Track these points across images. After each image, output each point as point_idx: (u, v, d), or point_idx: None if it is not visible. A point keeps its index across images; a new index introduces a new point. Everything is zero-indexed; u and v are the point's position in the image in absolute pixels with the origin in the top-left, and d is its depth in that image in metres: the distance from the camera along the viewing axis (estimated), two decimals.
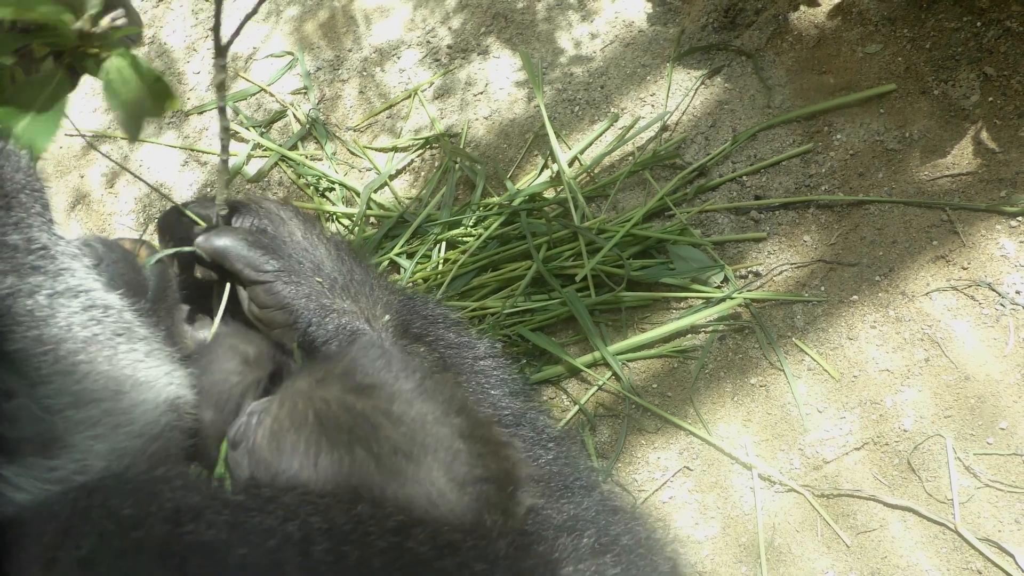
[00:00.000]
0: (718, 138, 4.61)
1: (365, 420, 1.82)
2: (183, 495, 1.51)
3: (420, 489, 1.79)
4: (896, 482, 3.74)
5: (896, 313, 4.02)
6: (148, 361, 1.76)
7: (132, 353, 1.75)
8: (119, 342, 1.73)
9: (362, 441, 1.81)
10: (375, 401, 1.85)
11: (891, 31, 4.64)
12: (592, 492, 2.28)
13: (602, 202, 4.55)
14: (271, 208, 2.32)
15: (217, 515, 1.48)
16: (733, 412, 3.99)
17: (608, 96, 4.89)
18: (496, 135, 4.89)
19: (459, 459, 1.82)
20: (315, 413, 1.85)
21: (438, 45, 5.23)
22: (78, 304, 1.70)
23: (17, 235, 1.66)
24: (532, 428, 2.39)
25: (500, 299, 4.27)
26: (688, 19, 4.99)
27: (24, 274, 1.63)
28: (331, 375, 1.91)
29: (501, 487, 1.86)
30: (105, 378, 1.67)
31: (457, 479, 1.81)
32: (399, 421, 1.83)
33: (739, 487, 3.85)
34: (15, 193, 1.70)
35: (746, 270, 4.25)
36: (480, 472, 1.83)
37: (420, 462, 1.80)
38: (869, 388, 3.91)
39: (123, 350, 1.73)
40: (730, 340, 4.13)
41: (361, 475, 1.80)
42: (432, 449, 1.82)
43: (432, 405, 1.88)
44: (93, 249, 1.91)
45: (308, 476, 1.83)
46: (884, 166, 4.33)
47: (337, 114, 5.16)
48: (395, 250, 4.46)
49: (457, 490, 1.80)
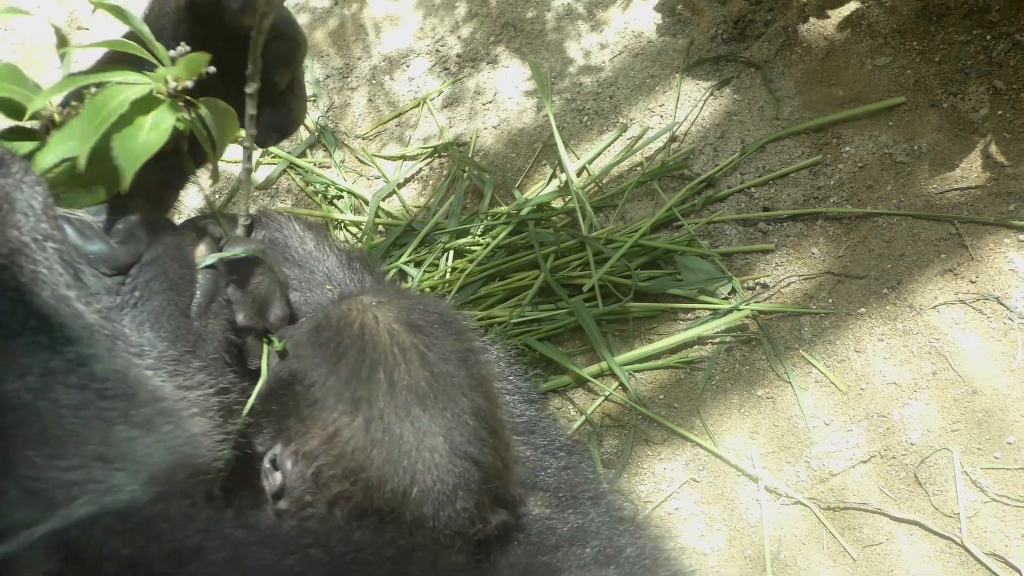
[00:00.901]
0: (727, 149, 4.61)
1: (400, 350, 1.87)
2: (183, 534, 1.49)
3: (413, 436, 1.81)
4: (903, 496, 3.74)
5: (904, 326, 4.02)
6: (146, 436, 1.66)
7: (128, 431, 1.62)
8: (114, 420, 1.61)
9: (387, 367, 1.84)
10: (417, 339, 1.89)
11: (900, 44, 4.64)
12: (599, 503, 2.28)
13: (610, 212, 4.55)
14: (282, 220, 2.34)
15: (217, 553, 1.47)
16: (740, 424, 3.99)
17: (617, 106, 4.89)
18: (505, 144, 4.89)
19: (461, 431, 1.85)
20: (361, 325, 1.90)
21: (447, 54, 5.24)
22: (74, 381, 1.57)
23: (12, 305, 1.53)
24: (544, 436, 2.39)
25: (507, 308, 4.27)
26: (697, 30, 4.99)
27: (15, 354, 1.51)
28: (392, 302, 1.96)
29: (486, 480, 1.87)
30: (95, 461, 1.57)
31: (452, 446, 1.83)
32: (428, 366, 1.87)
33: (745, 499, 3.84)
34: (21, 250, 1.56)
35: (754, 282, 4.25)
36: (474, 452, 1.85)
37: (426, 412, 1.83)
38: (876, 401, 3.91)
39: (118, 430, 1.61)
40: (737, 352, 4.13)
41: (370, 397, 1.83)
42: (442, 407, 1.85)
43: (464, 373, 1.91)
44: (133, 242, 1.78)
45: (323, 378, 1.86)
46: (893, 179, 4.33)
47: (346, 122, 5.16)
48: (403, 258, 4.46)
49: (446, 456, 1.82)
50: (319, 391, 1.86)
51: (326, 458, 1.82)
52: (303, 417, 1.86)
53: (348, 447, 1.81)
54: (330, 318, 1.96)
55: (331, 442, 1.82)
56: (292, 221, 2.37)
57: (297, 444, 1.86)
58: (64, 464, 1.53)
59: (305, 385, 1.88)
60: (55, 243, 1.61)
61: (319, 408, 1.85)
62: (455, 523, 1.82)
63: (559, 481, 2.30)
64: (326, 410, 1.84)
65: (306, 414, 1.86)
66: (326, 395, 1.85)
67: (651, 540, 2.34)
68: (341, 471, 1.81)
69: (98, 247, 1.72)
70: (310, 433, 1.85)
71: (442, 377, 1.87)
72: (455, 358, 1.91)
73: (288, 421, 1.89)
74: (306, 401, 1.86)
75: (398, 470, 1.79)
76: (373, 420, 1.81)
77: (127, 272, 1.75)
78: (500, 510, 1.92)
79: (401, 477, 1.79)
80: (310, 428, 1.85)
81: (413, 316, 1.94)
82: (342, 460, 1.81)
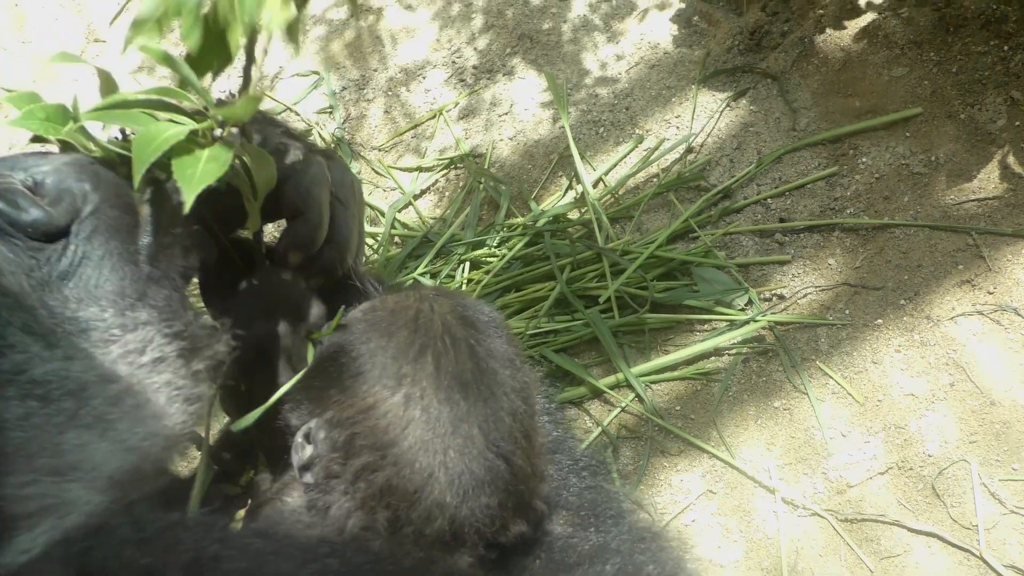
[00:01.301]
0: (743, 160, 4.61)
1: (451, 339, 1.89)
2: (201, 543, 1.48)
3: (449, 420, 1.82)
4: (920, 507, 3.72)
5: (921, 337, 4.00)
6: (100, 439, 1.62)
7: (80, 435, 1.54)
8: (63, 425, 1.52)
9: (435, 351, 1.87)
10: (468, 333, 1.91)
11: (917, 54, 4.64)
12: (621, 521, 2.28)
13: (626, 223, 4.55)
14: None
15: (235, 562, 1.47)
16: (756, 435, 3.98)
17: (633, 117, 4.89)
18: (521, 156, 4.90)
19: (498, 427, 1.85)
20: (416, 312, 1.93)
21: (464, 65, 5.24)
22: (13, 392, 1.49)
23: None
24: (568, 455, 2.39)
25: (523, 320, 4.27)
26: (714, 41, 4.99)
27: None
28: (448, 295, 1.99)
29: (514, 481, 1.87)
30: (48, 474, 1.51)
31: (486, 439, 1.83)
32: (475, 359, 1.89)
33: (762, 511, 3.83)
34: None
35: (770, 293, 4.24)
36: (507, 450, 1.86)
37: (466, 400, 1.84)
38: (894, 412, 3.90)
39: (69, 436, 1.53)
40: (754, 363, 4.12)
41: (414, 376, 1.84)
42: (483, 400, 1.86)
43: (508, 375, 1.92)
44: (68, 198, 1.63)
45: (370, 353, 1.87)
46: (910, 190, 4.32)
47: (362, 133, 5.17)
48: (419, 270, 4.46)
49: (480, 447, 1.82)
50: (365, 364, 1.87)
51: (360, 427, 1.83)
52: (344, 388, 1.87)
53: (384, 420, 1.81)
54: (387, 301, 1.99)
55: (368, 412, 1.83)
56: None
57: (334, 412, 1.87)
58: (17, 480, 1.49)
59: (351, 357, 1.89)
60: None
61: (362, 380, 1.86)
62: (476, 519, 1.82)
63: (581, 500, 2.30)
64: (368, 382, 1.85)
65: (348, 385, 1.87)
66: (371, 368, 1.86)
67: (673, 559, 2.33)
68: (373, 442, 1.81)
69: (34, 214, 1.59)
70: (348, 402, 1.85)
71: (487, 373, 1.88)
72: (502, 358, 1.92)
73: (329, 391, 1.90)
74: (349, 373, 1.88)
75: (429, 451, 1.80)
76: (413, 398, 1.82)
77: (67, 233, 1.62)
78: (521, 520, 1.91)
79: (431, 459, 1.80)
80: (349, 398, 1.86)
81: (467, 312, 1.97)
82: (376, 431, 1.82)
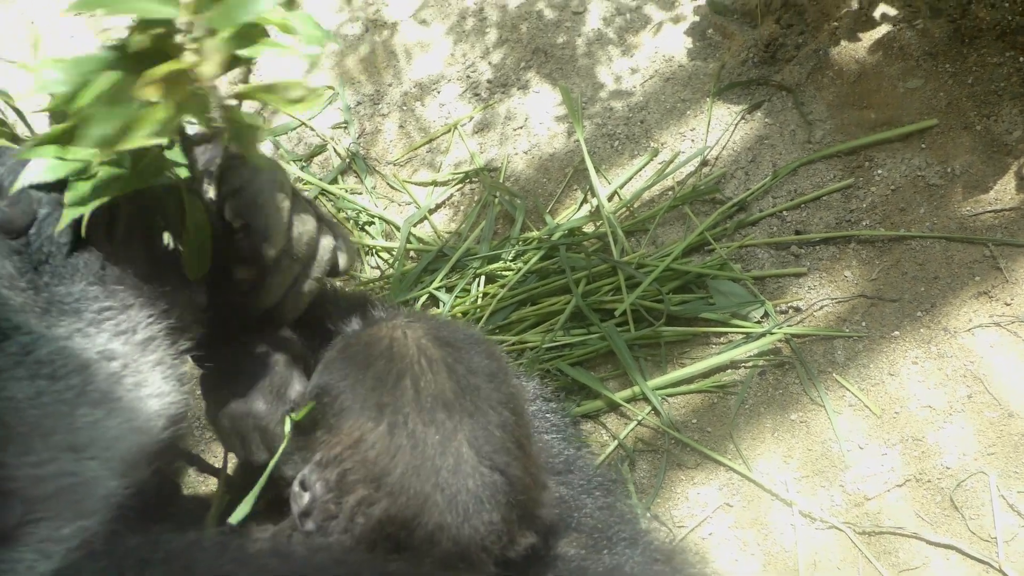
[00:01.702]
0: (758, 173, 4.60)
1: (428, 361, 1.89)
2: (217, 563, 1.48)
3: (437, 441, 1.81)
4: (939, 520, 3.71)
5: (938, 349, 3.99)
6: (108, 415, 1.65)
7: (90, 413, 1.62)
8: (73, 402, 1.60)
9: (413, 375, 1.86)
10: (445, 352, 1.90)
11: (933, 66, 4.63)
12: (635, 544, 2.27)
13: (641, 237, 4.55)
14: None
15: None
16: (773, 448, 3.97)
17: (648, 131, 4.89)
18: (536, 169, 4.90)
19: (488, 441, 1.84)
20: (390, 340, 1.92)
21: (478, 80, 5.25)
22: (23, 373, 1.57)
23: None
24: (582, 475, 2.38)
25: (539, 333, 4.27)
26: (728, 54, 4.99)
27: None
28: (421, 321, 1.99)
29: (514, 492, 1.86)
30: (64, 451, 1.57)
31: (478, 453, 1.82)
32: (455, 378, 1.88)
33: (779, 524, 3.82)
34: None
35: (786, 305, 4.24)
36: (501, 462, 1.85)
37: (451, 418, 1.83)
38: (911, 424, 3.88)
39: (80, 413, 1.61)
40: (770, 375, 4.11)
41: (395, 403, 1.83)
42: (468, 415, 1.85)
43: (492, 388, 1.91)
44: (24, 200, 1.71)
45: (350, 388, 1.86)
46: (926, 201, 4.31)
47: (377, 148, 5.18)
48: (434, 284, 4.46)
49: (472, 463, 1.81)
50: (346, 400, 1.88)
51: (350, 463, 1.83)
52: (330, 427, 1.88)
53: (372, 452, 1.81)
54: (360, 336, 1.99)
55: (355, 447, 1.83)
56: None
57: (323, 453, 1.87)
58: (35, 459, 1.53)
59: (333, 396, 1.89)
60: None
61: (345, 416, 1.86)
62: (481, 536, 1.81)
63: (595, 521, 2.29)
64: (351, 417, 1.85)
65: (332, 423, 1.88)
66: (352, 403, 1.87)
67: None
68: (364, 475, 1.81)
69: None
70: (335, 440, 1.85)
71: (469, 389, 1.87)
72: (483, 373, 1.92)
73: (316, 434, 1.91)
74: (333, 411, 1.88)
75: (422, 475, 1.79)
76: (397, 425, 1.82)
77: (27, 232, 1.71)
78: (529, 532, 1.90)
79: (425, 483, 1.79)
80: (335, 436, 1.86)
81: (442, 333, 1.97)
82: (365, 464, 1.81)
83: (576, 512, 2.27)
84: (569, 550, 2.14)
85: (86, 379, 1.63)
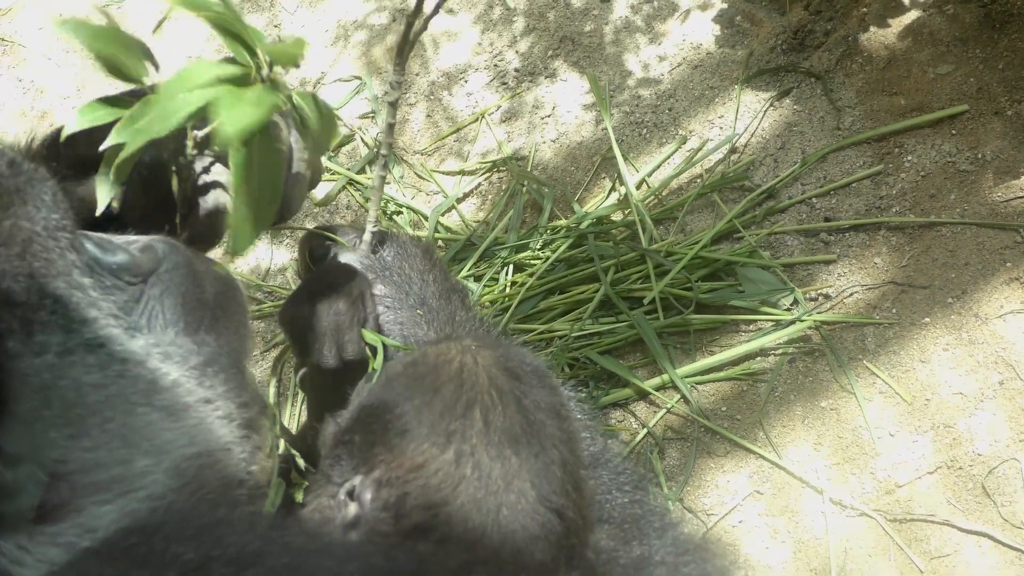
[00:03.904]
0: (787, 160, 4.59)
1: (498, 393, 1.87)
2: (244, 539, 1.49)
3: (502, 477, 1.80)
4: (970, 507, 3.69)
5: (969, 335, 3.97)
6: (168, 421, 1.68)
7: (151, 414, 1.66)
8: (136, 401, 1.65)
9: (483, 406, 1.84)
10: (514, 385, 1.89)
11: (963, 52, 4.60)
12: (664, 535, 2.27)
13: (670, 224, 4.54)
14: (404, 240, 2.43)
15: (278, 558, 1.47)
16: (803, 435, 3.96)
17: (676, 118, 4.88)
18: (563, 158, 4.89)
19: (549, 481, 1.83)
20: (460, 364, 1.90)
21: (505, 68, 5.25)
22: (93, 361, 1.61)
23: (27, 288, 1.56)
24: (610, 471, 2.39)
25: (568, 322, 4.26)
26: (757, 41, 4.97)
27: (32, 332, 1.54)
28: (491, 346, 1.97)
29: (567, 535, 1.86)
30: (117, 442, 1.60)
31: (539, 494, 1.81)
32: (523, 412, 1.87)
33: (810, 511, 3.81)
34: (32, 239, 1.60)
35: (816, 292, 4.22)
36: (559, 504, 1.84)
37: (518, 455, 1.82)
38: (942, 411, 3.87)
39: (141, 411, 1.65)
40: (800, 363, 4.10)
41: (464, 432, 1.83)
42: (534, 454, 1.84)
43: (556, 425, 1.90)
44: (152, 253, 1.84)
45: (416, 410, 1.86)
46: (956, 187, 4.29)
47: (405, 138, 5.18)
48: (463, 273, 4.46)
49: (533, 503, 1.80)
50: (411, 421, 1.85)
51: (411, 487, 1.80)
52: (391, 446, 1.85)
53: (435, 479, 1.79)
54: (428, 355, 1.96)
55: (418, 472, 1.81)
56: (408, 242, 2.44)
57: (382, 472, 1.85)
58: (88, 444, 1.56)
59: (396, 415, 1.87)
60: (67, 233, 1.66)
61: (409, 438, 1.84)
62: (529, 573, 1.80)
63: (624, 514, 2.29)
64: (416, 440, 1.83)
65: (395, 443, 1.85)
66: (418, 426, 1.84)
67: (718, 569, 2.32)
68: (424, 502, 1.79)
69: (120, 257, 1.78)
70: (396, 461, 1.83)
71: (536, 425, 1.86)
72: (548, 409, 1.91)
73: (374, 450, 1.88)
74: (395, 430, 1.86)
75: (482, 509, 1.78)
76: (464, 455, 1.80)
77: (147, 280, 1.81)
78: (573, 572, 1.90)
79: (484, 516, 1.77)
80: (397, 457, 1.84)
81: (511, 364, 1.95)
82: (427, 491, 1.79)
83: (606, 505, 2.27)
84: (600, 542, 2.14)
85: (153, 390, 1.68)
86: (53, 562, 1.49)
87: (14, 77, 5.90)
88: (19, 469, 1.49)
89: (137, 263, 1.79)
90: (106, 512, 1.55)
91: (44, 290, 1.59)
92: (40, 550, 1.49)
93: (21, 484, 1.49)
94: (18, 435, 1.50)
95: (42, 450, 1.52)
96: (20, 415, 1.50)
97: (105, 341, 1.65)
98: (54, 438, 1.53)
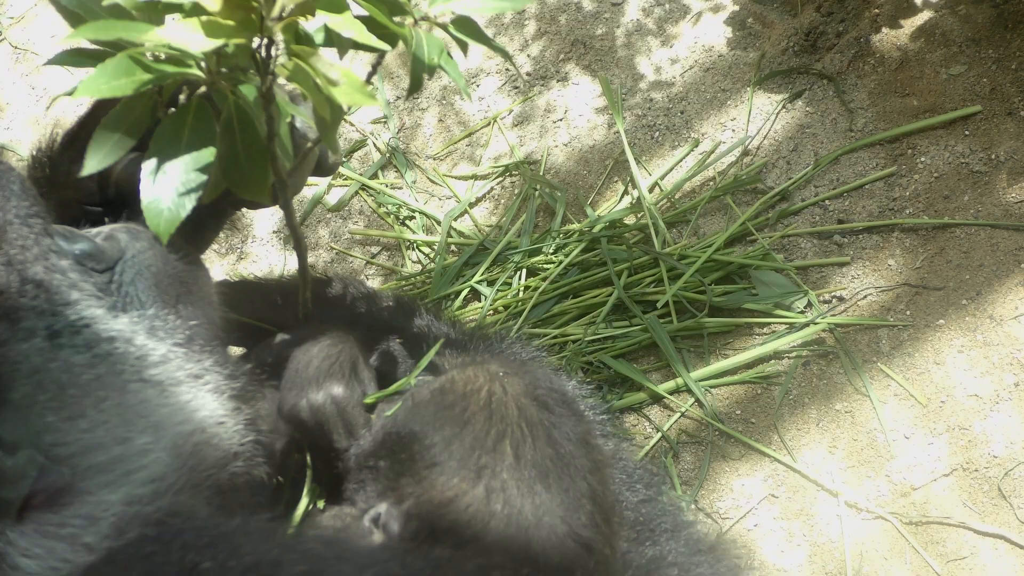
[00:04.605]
0: (800, 162, 4.58)
1: (528, 425, 1.85)
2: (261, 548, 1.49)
3: (532, 513, 1.79)
4: (987, 509, 3.68)
5: (984, 337, 3.96)
6: (162, 397, 1.70)
7: (145, 390, 1.68)
8: (128, 378, 1.67)
9: (513, 439, 1.83)
10: (544, 416, 1.88)
11: (976, 52, 4.59)
12: (677, 535, 2.27)
13: (683, 228, 4.53)
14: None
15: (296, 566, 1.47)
16: (818, 438, 3.95)
17: (688, 121, 4.87)
18: (576, 162, 4.89)
19: (579, 514, 1.83)
20: (488, 393, 1.88)
21: (517, 72, 5.25)
22: (80, 341, 1.64)
23: (7, 275, 1.59)
24: (623, 471, 2.39)
25: (581, 326, 4.26)
26: (768, 43, 4.96)
27: (17, 318, 1.57)
28: (519, 372, 1.95)
29: (594, 568, 1.85)
30: (115, 420, 1.61)
31: (569, 528, 1.81)
32: (553, 445, 1.86)
33: (825, 514, 3.80)
34: (5, 227, 1.63)
35: (830, 295, 4.21)
36: (588, 538, 1.84)
37: (548, 490, 1.81)
38: (957, 413, 3.86)
39: (134, 388, 1.67)
40: (814, 366, 4.09)
41: (494, 467, 1.82)
42: (564, 488, 1.83)
43: (585, 456, 1.89)
44: (115, 242, 1.88)
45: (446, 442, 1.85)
46: (970, 188, 4.28)
47: (417, 143, 5.18)
48: (475, 278, 4.46)
49: (563, 537, 1.80)
50: (440, 454, 1.84)
51: (441, 521, 1.80)
52: (420, 478, 1.84)
53: (466, 514, 1.78)
54: (455, 382, 1.95)
55: (449, 506, 1.80)
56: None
57: (410, 504, 1.84)
58: (85, 425, 1.56)
59: (425, 445, 1.86)
60: (39, 219, 1.69)
61: (439, 471, 1.82)
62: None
63: (637, 515, 2.29)
64: (446, 474, 1.82)
65: (423, 475, 1.84)
66: (448, 459, 1.83)
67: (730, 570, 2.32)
68: (455, 538, 1.78)
69: (84, 245, 1.81)
70: (426, 495, 1.82)
71: (566, 458, 1.85)
72: (577, 440, 1.90)
73: (401, 480, 1.87)
74: (424, 462, 1.84)
75: (512, 546, 1.77)
76: (495, 491, 1.79)
77: (113, 268, 1.84)
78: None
79: (514, 552, 1.77)
80: (427, 490, 1.82)
81: (540, 392, 1.93)
82: (458, 526, 1.79)
83: (619, 506, 2.27)
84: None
85: (144, 364, 1.70)
86: (59, 557, 1.49)
87: (27, 85, 5.92)
88: (19, 456, 1.49)
89: (100, 250, 1.83)
90: (109, 500, 1.56)
91: (24, 276, 1.62)
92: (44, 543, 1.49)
93: (22, 471, 1.49)
94: (14, 422, 1.51)
95: (40, 435, 1.54)
96: (14, 402, 1.51)
97: (90, 321, 1.67)
98: (51, 422, 1.55)
